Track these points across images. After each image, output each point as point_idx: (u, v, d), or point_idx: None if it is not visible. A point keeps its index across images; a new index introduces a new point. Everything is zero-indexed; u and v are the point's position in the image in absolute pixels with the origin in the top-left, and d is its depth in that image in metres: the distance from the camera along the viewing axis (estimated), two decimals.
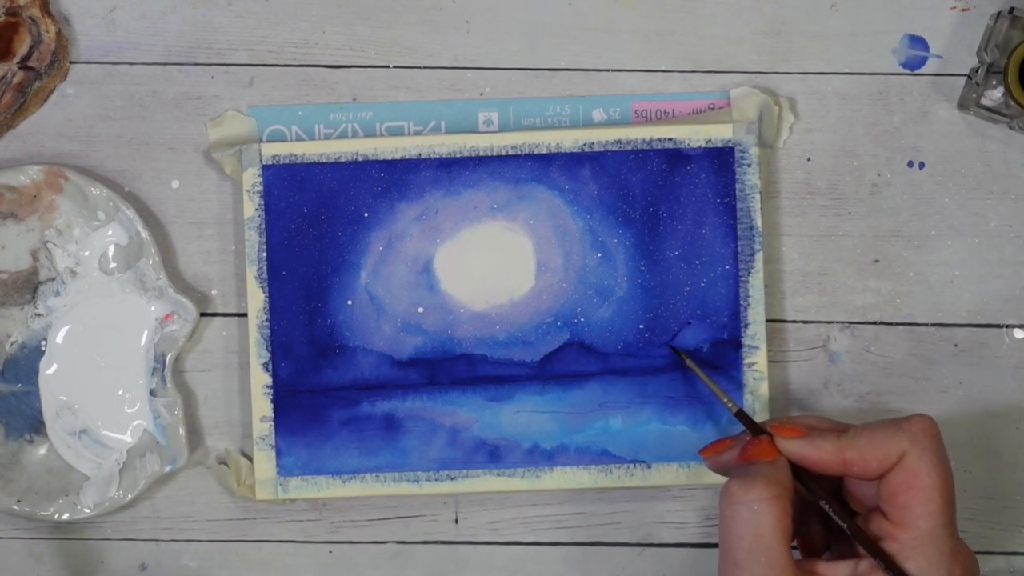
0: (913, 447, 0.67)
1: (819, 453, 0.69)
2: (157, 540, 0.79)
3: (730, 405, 0.73)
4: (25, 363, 0.78)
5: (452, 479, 0.77)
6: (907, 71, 0.78)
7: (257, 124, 0.79)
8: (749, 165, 0.77)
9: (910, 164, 0.78)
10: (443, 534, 0.79)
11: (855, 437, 0.68)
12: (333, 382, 0.77)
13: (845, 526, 0.68)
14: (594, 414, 0.77)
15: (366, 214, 0.77)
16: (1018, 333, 0.78)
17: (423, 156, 0.77)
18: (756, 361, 0.77)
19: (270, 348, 0.77)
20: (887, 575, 0.66)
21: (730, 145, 0.77)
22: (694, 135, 0.77)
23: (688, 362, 0.75)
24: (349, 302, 0.77)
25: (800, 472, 0.69)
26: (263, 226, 0.77)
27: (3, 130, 0.78)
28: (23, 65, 0.76)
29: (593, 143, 0.77)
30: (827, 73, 0.78)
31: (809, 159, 0.79)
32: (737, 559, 0.66)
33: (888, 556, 0.67)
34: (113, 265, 0.78)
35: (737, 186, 0.77)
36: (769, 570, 0.66)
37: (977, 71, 0.77)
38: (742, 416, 0.72)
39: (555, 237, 0.77)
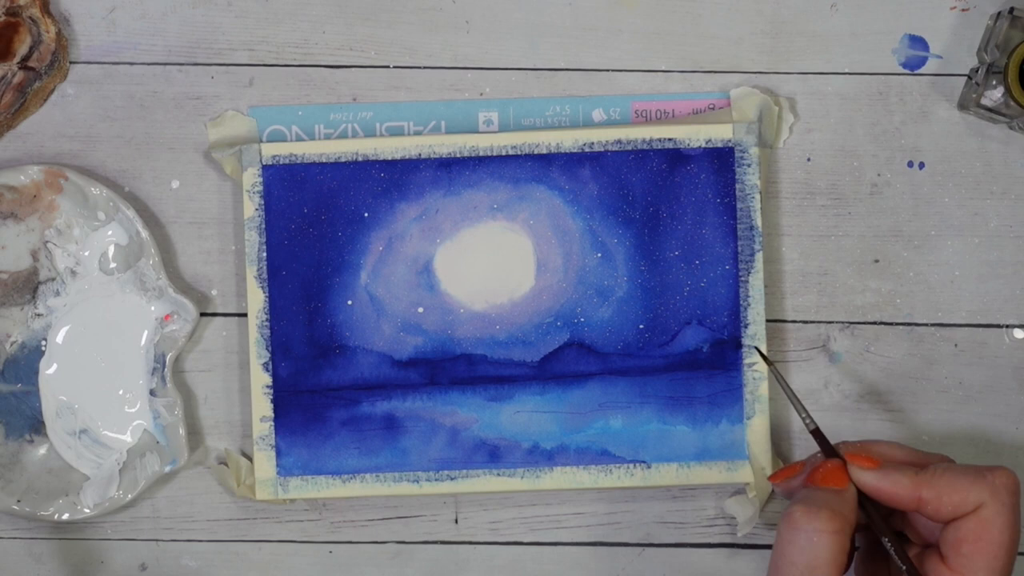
0: (993, 500, 0.66)
1: (894, 488, 0.67)
2: (157, 540, 0.79)
3: (808, 422, 0.71)
4: (25, 363, 0.78)
5: (452, 479, 0.77)
6: (907, 71, 0.78)
7: (257, 124, 0.79)
8: (749, 165, 0.77)
9: (910, 164, 0.78)
10: (443, 534, 0.79)
11: (934, 477, 0.67)
12: (333, 382, 0.77)
13: (904, 568, 0.67)
14: (594, 414, 0.77)
15: (366, 214, 0.77)
16: (1018, 333, 0.78)
17: (423, 156, 0.77)
18: (756, 361, 0.76)
19: (270, 348, 0.77)
20: None
21: (730, 145, 0.77)
22: (694, 135, 0.77)
23: (773, 369, 0.73)
24: (349, 302, 0.77)
25: (867, 502, 0.68)
26: (263, 226, 0.77)
27: (3, 130, 0.78)
28: (23, 65, 0.76)
29: (593, 143, 0.77)
30: (827, 73, 0.78)
31: (809, 159, 0.79)
32: None
33: None
34: (113, 265, 0.78)
35: (737, 186, 0.77)
36: None
37: (977, 71, 0.77)
38: (818, 435, 0.71)
39: (555, 237, 0.77)
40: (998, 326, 0.78)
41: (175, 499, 0.79)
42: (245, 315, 0.78)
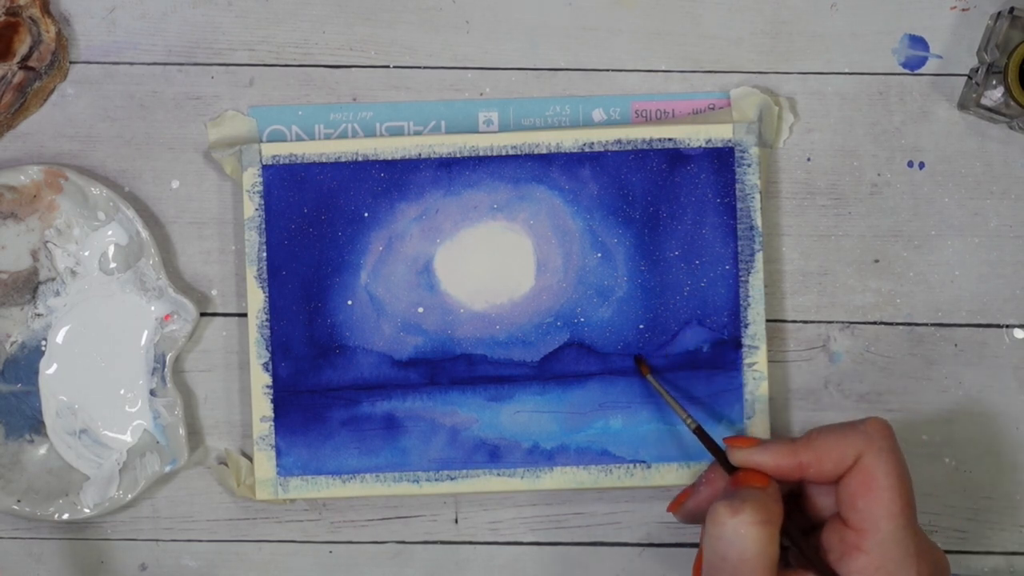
0: (869, 448, 0.67)
1: (775, 459, 0.68)
2: (157, 540, 0.79)
3: (689, 422, 0.73)
4: (25, 363, 0.78)
5: (452, 479, 0.77)
6: (907, 71, 0.78)
7: (257, 124, 0.79)
8: (749, 165, 0.77)
9: (910, 164, 0.78)
10: (443, 534, 0.79)
11: (810, 440, 0.68)
12: (333, 382, 0.77)
13: (804, 551, 0.68)
14: (594, 414, 0.77)
15: (366, 214, 0.77)
16: (1018, 333, 0.78)
17: (423, 156, 0.77)
18: (756, 361, 0.76)
19: (270, 348, 0.77)
20: None
21: (730, 145, 0.77)
22: (694, 135, 0.77)
23: (649, 378, 0.75)
24: (349, 302, 0.77)
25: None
26: (263, 226, 0.77)
27: (3, 130, 0.78)
28: (23, 65, 0.76)
29: (593, 143, 0.77)
30: (827, 73, 0.78)
31: (809, 159, 0.79)
32: None
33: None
34: (113, 265, 0.78)
35: (737, 186, 0.77)
36: None
37: (977, 71, 0.77)
38: (700, 433, 0.73)
39: (555, 237, 0.77)
40: (998, 326, 0.78)
41: (175, 499, 0.79)
42: (245, 315, 0.78)
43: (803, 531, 0.70)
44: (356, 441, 0.77)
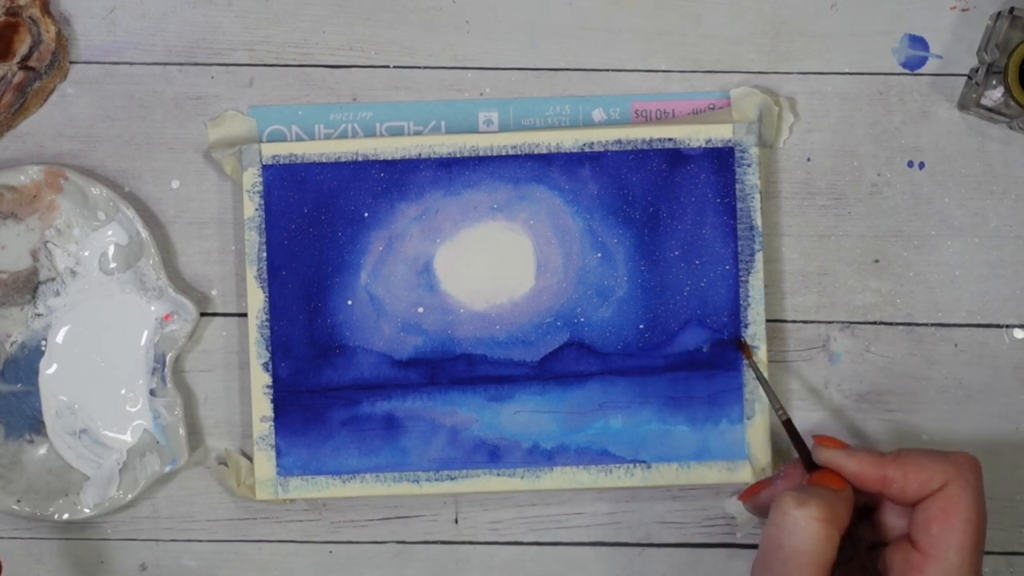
0: (957, 479, 0.67)
1: (860, 467, 0.68)
2: (157, 540, 0.79)
3: (780, 413, 0.73)
4: (25, 363, 0.78)
5: (452, 479, 0.77)
6: (907, 71, 0.78)
7: (257, 124, 0.79)
8: (749, 165, 0.77)
9: (910, 164, 0.78)
10: (443, 534, 0.79)
11: (899, 457, 0.68)
12: (333, 382, 0.77)
13: (866, 560, 0.68)
14: (594, 414, 0.77)
15: (366, 214, 0.77)
16: (1018, 333, 0.78)
17: (423, 156, 0.77)
18: (756, 361, 0.76)
19: (270, 348, 0.77)
20: None
21: (730, 145, 0.77)
22: (694, 135, 0.77)
23: (749, 361, 0.75)
24: (349, 302, 0.77)
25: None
26: (263, 226, 0.77)
27: (3, 130, 0.78)
28: (23, 65, 0.76)
29: (593, 143, 0.77)
30: (827, 73, 0.78)
31: (809, 159, 0.79)
32: (771, 567, 0.66)
33: None
34: (113, 265, 0.78)
35: (737, 186, 0.77)
36: None
37: (977, 71, 0.77)
38: (789, 426, 0.72)
39: (555, 237, 0.77)
40: (998, 326, 0.78)
41: (175, 499, 0.79)
42: (245, 315, 0.78)
43: (868, 546, 0.70)
44: (356, 441, 0.77)
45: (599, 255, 0.77)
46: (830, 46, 0.78)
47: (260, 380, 0.77)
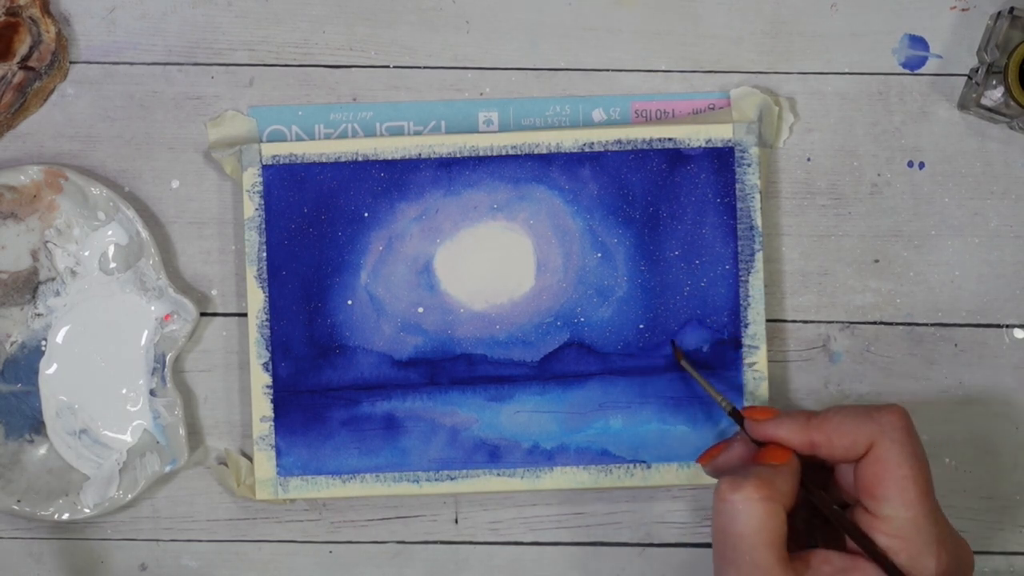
0: (883, 438, 0.67)
1: (787, 434, 0.69)
2: (157, 540, 0.79)
3: (724, 404, 0.73)
4: (25, 363, 0.78)
5: (452, 479, 0.77)
6: (907, 71, 0.78)
7: (257, 124, 0.79)
8: (749, 165, 0.77)
9: (910, 164, 0.78)
10: (443, 534, 0.79)
11: (824, 421, 0.68)
12: (333, 382, 0.77)
13: (835, 520, 0.68)
14: (594, 414, 0.77)
15: (366, 214, 0.77)
16: (1018, 333, 0.78)
17: (423, 156, 0.77)
18: (756, 361, 0.77)
19: (270, 348, 0.77)
20: (876, 567, 0.67)
21: (730, 145, 0.77)
22: (694, 135, 0.77)
23: (683, 362, 0.75)
24: (349, 302, 0.77)
25: (807, 480, 0.69)
26: (263, 226, 0.77)
27: (3, 130, 0.78)
28: (23, 65, 0.76)
29: (593, 143, 0.77)
30: (827, 73, 0.78)
31: (809, 159, 0.79)
32: (724, 555, 0.67)
33: (881, 552, 0.67)
34: (113, 265, 0.78)
35: (737, 186, 0.77)
36: (754, 569, 0.66)
37: (977, 71, 0.77)
38: (736, 415, 0.73)
39: (555, 237, 0.77)
40: (998, 326, 0.78)
41: (175, 499, 0.79)
42: (245, 315, 0.78)
43: (840, 505, 0.70)
44: (356, 441, 0.77)
45: (599, 255, 0.77)
46: (830, 46, 0.78)
47: (260, 380, 0.77)
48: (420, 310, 0.77)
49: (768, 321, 0.78)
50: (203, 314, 0.79)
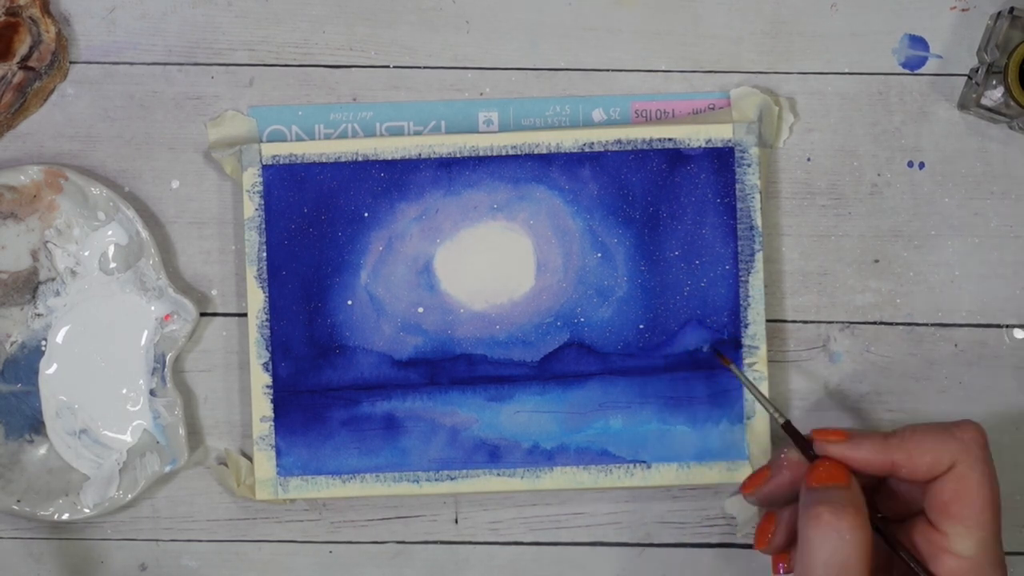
0: (965, 457, 0.66)
1: (866, 455, 0.67)
2: (157, 540, 0.79)
3: (778, 417, 0.71)
4: (25, 363, 0.78)
5: (452, 479, 0.77)
6: (907, 71, 0.78)
7: (257, 124, 0.79)
8: (749, 165, 0.77)
9: (910, 164, 0.78)
10: (443, 534, 0.79)
11: (903, 440, 0.67)
12: (333, 382, 0.77)
13: (893, 546, 0.67)
14: (594, 414, 0.77)
15: (366, 214, 0.77)
16: (1018, 333, 0.78)
17: (423, 156, 0.77)
18: (756, 361, 0.77)
19: (270, 348, 0.77)
20: None
21: (730, 145, 0.77)
22: (694, 135, 0.77)
23: (733, 369, 0.74)
24: (349, 302, 0.77)
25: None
26: (263, 226, 0.77)
27: (3, 130, 0.78)
28: (23, 65, 0.76)
29: (593, 143, 0.77)
30: (827, 73, 0.78)
31: (809, 159, 0.79)
32: None
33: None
34: (113, 265, 0.78)
35: (737, 186, 0.77)
36: None
37: (977, 71, 0.77)
38: (790, 429, 0.71)
39: (555, 237, 0.77)
40: (998, 326, 0.78)
41: (175, 499, 0.79)
42: (245, 315, 0.78)
43: (883, 517, 0.69)
44: (356, 441, 0.77)
45: (599, 255, 0.77)
46: (830, 46, 0.78)
47: (260, 380, 0.77)
48: (420, 310, 0.77)
49: (768, 321, 0.78)
50: (203, 314, 0.79)
